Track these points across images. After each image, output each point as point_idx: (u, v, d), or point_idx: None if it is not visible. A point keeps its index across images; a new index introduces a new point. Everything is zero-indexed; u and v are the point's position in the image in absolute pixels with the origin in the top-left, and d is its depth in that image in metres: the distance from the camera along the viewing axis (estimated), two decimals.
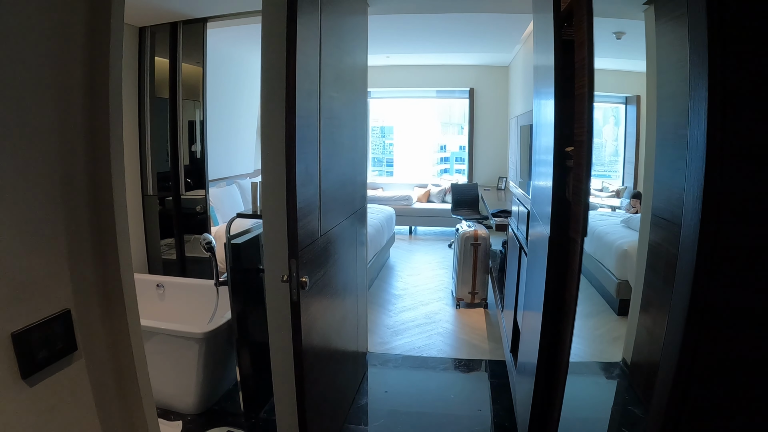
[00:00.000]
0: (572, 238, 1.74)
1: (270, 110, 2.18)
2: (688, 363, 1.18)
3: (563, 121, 1.75)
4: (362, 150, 3.22)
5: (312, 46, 2.02)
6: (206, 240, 3.06)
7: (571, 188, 1.78)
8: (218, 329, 2.92)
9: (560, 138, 1.76)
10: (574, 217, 1.74)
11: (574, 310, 1.71)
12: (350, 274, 2.97)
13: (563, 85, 1.75)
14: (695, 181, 1.13)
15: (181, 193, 4.10)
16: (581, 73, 1.67)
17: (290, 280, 1.90)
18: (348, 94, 2.74)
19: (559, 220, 1.81)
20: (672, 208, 2.82)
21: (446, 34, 6.05)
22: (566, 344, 1.76)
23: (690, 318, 1.14)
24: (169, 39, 3.99)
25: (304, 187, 1.94)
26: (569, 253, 1.79)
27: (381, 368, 3.65)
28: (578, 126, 1.70)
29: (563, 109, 1.75)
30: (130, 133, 3.96)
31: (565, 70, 1.76)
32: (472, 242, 4.75)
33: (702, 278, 1.12)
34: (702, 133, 1.10)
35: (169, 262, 4.26)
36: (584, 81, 1.65)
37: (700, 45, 1.09)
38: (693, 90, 1.14)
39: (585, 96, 1.62)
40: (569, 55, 1.77)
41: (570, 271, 1.76)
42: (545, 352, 1.96)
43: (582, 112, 1.67)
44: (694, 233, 1.12)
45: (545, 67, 2.07)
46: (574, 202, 1.73)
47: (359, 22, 3.04)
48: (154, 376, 3.04)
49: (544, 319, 1.90)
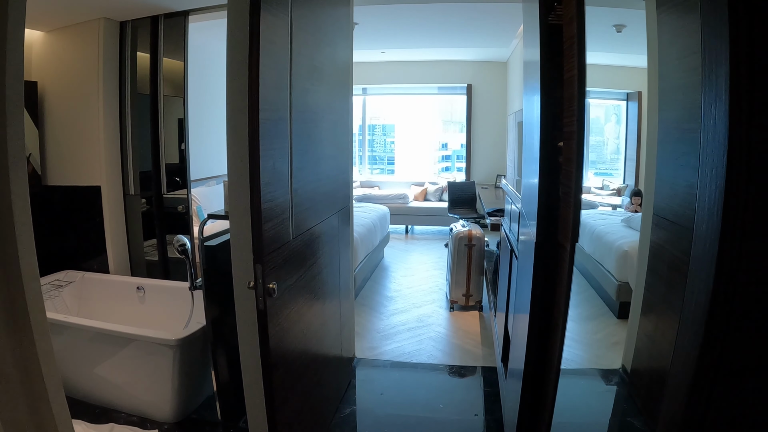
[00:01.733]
0: (561, 243, 1.57)
1: (234, 103, 2.01)
2: (708, 370, 1.03)
3: (553, 114, 1.58)
4: (346, 146, 3.06)
5: (280, 35, 1.86)
6: (180, 242, 2.91)
7: (559, 186, 1.60)
8: (193, 335, 2.78)
9: (546, 130, 1.59)
10: (563, 220, 1.56)
11: (562, 326, 1.55)
12: (333, 277, 2.81)
13: (552, 74, 1.58)
14: (713, 181, 0.97)
15: (162, 193, 3.94)
16: (570, 53, 1.50)
17: (256, 287, 1.75)
18: (327, 87, 2.58)
19: (546, 222, 1.63)
20: (675, 208, 2.65)
21: (441, 27, 5.91)
22: (554, 363, 1.59)
23: (711, 324, 0.99)
24: (150, 33, 3.84)
25: (271, 186, 1.78)
26: (558, 260, 1.62)
27: (368, 375, 3.49)
28: (567, 115, 1.52)
29: (552, 100, 1.58)
30: (112, 131, 3.81)
31: (553, 58, 1.59)
32: (466, 243, 4.59)
33: (723, 285, 0.97)
34: (722, 124, 0.93)
35: (153, 264, 4.11)
36: (573, 63, 1.48)
37: (719, 20, 0.93)
38: (709, 76, 0.97)
39: (575, 79, 1.45)
40: (557, 42, 1.60)
41: (558, 282, 1.59)
42: (530, 368, 1.79)
43: (572, 98, 1.50)
44: (712, 237, 0.96)
45: (532, 55, 1.91)
46: (564, 203, 1.55)
47: (340, 12, 2.88)
48: (130, 383, 2.93)
49: (530, 333, 1.74)
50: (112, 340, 2.85)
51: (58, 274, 3.81)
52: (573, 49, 1.45)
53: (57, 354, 2.99)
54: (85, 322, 2.94)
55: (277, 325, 1.89)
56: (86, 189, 3.82)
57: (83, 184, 3.83)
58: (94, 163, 3.77)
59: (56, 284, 3.71)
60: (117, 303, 3.74)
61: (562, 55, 1.57)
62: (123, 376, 2.92)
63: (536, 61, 1.75)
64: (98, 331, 2.86)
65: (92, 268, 3.94)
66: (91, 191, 3.81)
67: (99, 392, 3.00)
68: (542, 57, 1.57)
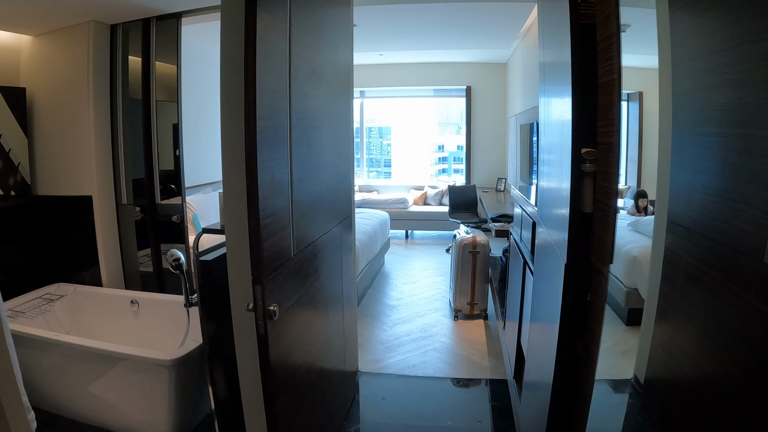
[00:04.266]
0: (595, 266, 1.43)
1: (229, 109, 1.87)
2: None
3: (585, 122, 1.44)
4: (347, 153, 2.93)
5: (278, 36, 1.73)
6: (174, 257, 2.77)
7: (593, 202, 1.45)
8: (189, 354, 2.65)
9: (578, 141, 1.45)
10: (597, 240, 1.41)
11: (594, 359, 1.42)
12: (335, 290, 2.68)
13: (584, 78, 1.44)
14: None
15: (156, 201, 3.81)
16: (607, 55, 1.37)
17: (255, 310, 1.61)
18: (328, 91, 2.45)
19: (577, 241, 1.49)
20: (692, 215, 2.53)
21: (441, 28, 5.80)
22: (585, 407, 1.45)
23: None
24: (142, 36, 3.71)
25: (270, 200, 1.65)
26: (591, 284, 1.47)
27: (373, 390, 3.35)
28: (604, 123, 1.38)
29: (583, 107, 1.43)
30: (103, 139, 3.68)
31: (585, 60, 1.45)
32: (470, 250, 4.46)
33: None
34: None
35: (147, 275, 3.97)
36: (612, 65, 1.34)
37: None
38: None
39: (614, 85, 1.32)
40: (586, 43, 1.45)
41: (592, 308, 1.45)
42: (556, 409, 1.64)
43: (610, 105, 1.37)
44: None
45: (555, 56, 1.78)
46: (600, 222, 1.40)
47: (341, 13, 2.75)
48: (124, 402, 2.79)
49: (557, 373, 1.59)
50: (104, 359, 2.73)
51: (49, 287, 3.69)
52: (612, 50, 1.32)
53: (48, 372, 2.89)
54: (77, 341, 2.82)
55: (279, 349, 1.76)
56: (77, 199, 3.70)
57: (74, 194, 3.71)
58: (85, 171, 3.65)
59: (48, 298, 3.58)
60: (111, 317, 3.61)
61: (593, 57, 1.44)
62: (117, 396, 2.80)
63: (560, 63, 1.62)
64: (90, 350, 2.73)
65: (85, 280, 3.81)
66: (83, 201, 3.68)
67: (92, 412, 2.87)
68: (574, 59, 1.44)
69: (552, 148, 1.83)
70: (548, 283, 1.84)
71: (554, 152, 1.76)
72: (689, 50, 2.58)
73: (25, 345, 2.85)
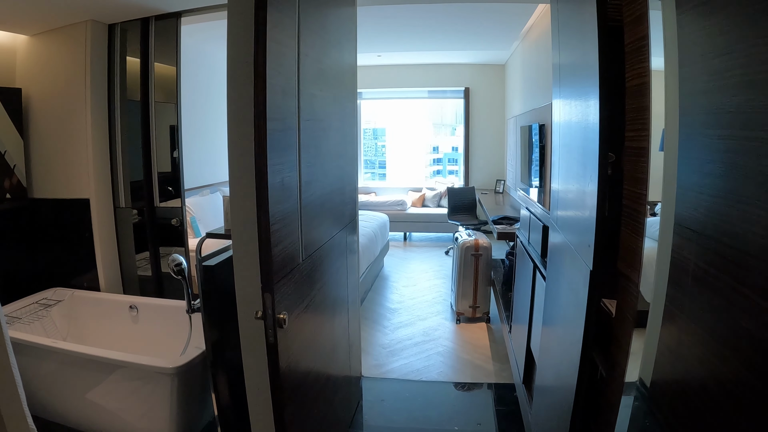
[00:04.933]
0: (623, 273, 1.38)
1: (236, 111, 1.81)
2: None
3: (612, 127, 1.39)
4: (352, 155, 2.87)
5: (288, 35, 1.68)
6: (176, 262, 2.71)
7: (621, 207, 1.40)
8: (192, 362, 2.58)
9: (606, 146, 1.40)
10: (625, 246, 1.37)
11: (623, 376, 1.38)
12: (341, 295, 2.64)
13: (611, 81, 1.39)
14: None
15: (155, 204, 3.75)
16: (638, 57, 1.33)
17: (265, 318, 1.56)
18: (334, 92, 2.40)
19: (604, 248, 1.44)
20: (700, 217, 2.48)
21: (440, 30, 5.75)
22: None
23: None
24: (140, 36, 3.65)
25: (280, 204, 1.60)
26: (618, 292, 1.42)
27: (377, 395, 3.30)
28: (634, 127, 1.34)
29: (610, 111, 1.38)
30: (100, 141, 3.62)
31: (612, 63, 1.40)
32: (472, 252, 4.42)
33: None
34: None
35: (146, 279, 3.91)
36: (645, 68, 1.31)
37: None
38: None
39: (646, 88, 1.29)
40: (611, 45, 1.41)
41: (621, 318, 1.41)
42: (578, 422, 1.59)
43: (641, 109, 1.33)
44: None
45: (576, 58, 1.73)
46: (628, 228, 1.35)
47: (347, 13, 2.70)
48: (125, 410, 2.73)
49: (579, 384, 1.54)
50: (105, 367, 2.66)
51: (46, 292, 3.61)
52: (643, 52, 1.28)
53: (46, 380, 2.83)
54: (75, 348, 2.76)
55: (289, 357, 1.71)
56: (74, 202, 3.63)
57: (71, 197, 3.63)
58: (82, 174, 3.58)
59: (44, 303, 3.51)
60: (109, 323, 3.54)
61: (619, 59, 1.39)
62: (117, 403, 2.74)
63: (582, 65, 1.57)
64: (90, 357, 2.67)
65: (82, 285, 3.74)
66: (80, 204, 3.61)
67: (92, 420, 2.81)
68: (601, 61, 1.39)
69: (572, 151, 1.78)
70: (566, 288, 1.79)
71: (574, 154, 1.72)
72: (697, 52, 2.54)
73: (22, 352, 2.79)
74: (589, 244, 1.46)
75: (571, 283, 1.70)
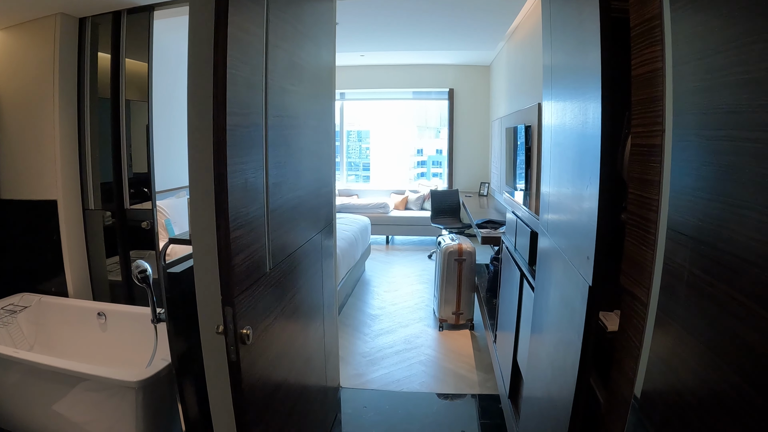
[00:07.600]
0: (628, 289, 1.24)
1: (197, 105, 1.66)
2: None
3: (614, 124, 1.27)
4: (328, 156, 2.73)
5: (255, 22, 1.54)
6: (139, 268, 2.55)
7: (626, 215, 1.26)
8: (157, 374, 2.43)
9: (609, 145, 1.27)
10: (629, 259, 1.22)
11: (627, 406, 1.26)
12: (316, 302, 2.49)
13: (613, 75, 1.26)
14: None
15: (125, 206, 3.57)
16: (647, 41, 1.20)
17: (226, 334, 1.42)
18: (310, 89, 2.25)
19: (605, 260, 1.29)
20: (695, 222, 2.37)
21: (425, 29, 5.64)
22: None
23: None
24: (112, 31, 3.48)
25: (243, 208, 1.46)
26: (622, 310, 1.27)
27: (356, 407, 3.15)
28: (642, 122, 1.20)
29: (612, 107, 1.26)
30: (69, 139, 3.44)
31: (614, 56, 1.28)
32: (456, 257, 4.28)
33: None
34: None
35: (116, 284, 3.73)
36: (655, 52, 1.18)
37: None
38: None
39: (658, 75, 1.17)
40: (622, 38, 1.28)
41: (625, 345, 1.28)
42: None
43: (651, 100, 1.20)
44: None
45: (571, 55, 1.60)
46: (634, 238, 1.19)
47: (324, 7, 2.56)
48: (89, 423, 2.54)
49: (574, 417, 1.41)
50: (67, 378, 2.50)
51: (12, 297, 3.43)
52: (654, 34, 1.16)
53: (9, 390, 2.65)
54: (36, 358, 2.59)
55: (254, 375, 1.57)
56: (41, 203, 3.44)
57: (38, 198, 3.45)
58: (50, 174, 3.40)
59: (10, 309, 3.33)
60: (77, 330, 3.37)
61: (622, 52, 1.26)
62: (82, 416, 2.58)
63: (579, 62, 1.45)
64: (52, 369, 2.50)
65: (50, 290, 3.56)
66: (47, 206, 3.43)
67: None
68: (604, 55, 1.26)
69: (566, 151, 1.65)
70: (559, 302, 1.66)
71: (570, 156, 1.59)
72: (692, 49, 2.43)
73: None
74: (588, 256, 1.32)
75: (565, 297, 1.56)
